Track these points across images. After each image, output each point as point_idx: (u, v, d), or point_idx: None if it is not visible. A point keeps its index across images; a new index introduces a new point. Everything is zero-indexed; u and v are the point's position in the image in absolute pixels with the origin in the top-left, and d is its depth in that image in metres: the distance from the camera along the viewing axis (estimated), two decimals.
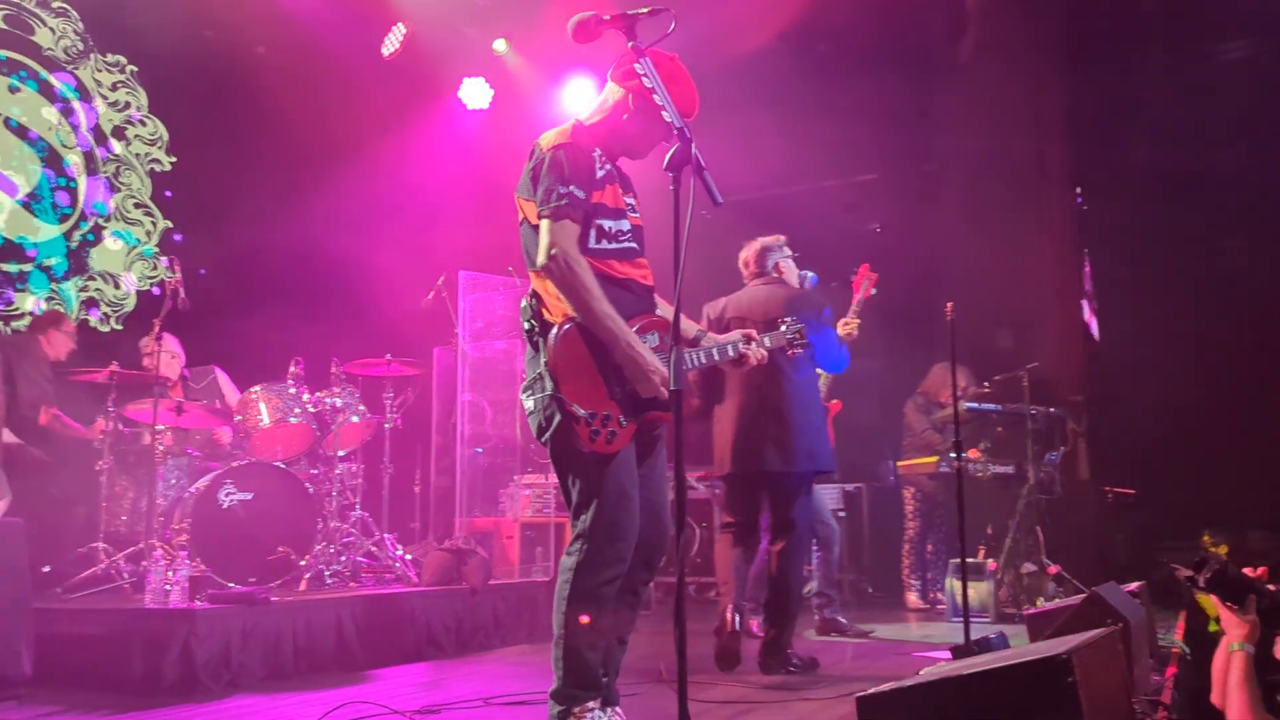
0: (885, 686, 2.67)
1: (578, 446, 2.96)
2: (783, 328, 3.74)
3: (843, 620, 5.97)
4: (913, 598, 7.57)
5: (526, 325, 3.08)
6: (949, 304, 4.20)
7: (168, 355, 5.66)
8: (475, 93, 9.08)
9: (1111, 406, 7.71)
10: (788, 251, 4.94)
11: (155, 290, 7.45)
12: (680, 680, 2.36)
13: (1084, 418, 8.20)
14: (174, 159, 7.71)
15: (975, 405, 7.55)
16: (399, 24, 8.32)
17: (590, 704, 3.02)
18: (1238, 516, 8.32)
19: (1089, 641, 2.61)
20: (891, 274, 8.73)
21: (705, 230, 3.09)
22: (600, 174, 3.08)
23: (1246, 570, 2.64)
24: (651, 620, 6.33)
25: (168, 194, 7.66)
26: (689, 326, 3.40)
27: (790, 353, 3.88)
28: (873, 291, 5.62)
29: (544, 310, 3.05)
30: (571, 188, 2.97)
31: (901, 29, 8.97)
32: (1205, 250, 8.93)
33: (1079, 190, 9.50)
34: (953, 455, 7.41)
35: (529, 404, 3.06)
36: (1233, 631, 2.56)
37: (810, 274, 4.87)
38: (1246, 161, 8.31)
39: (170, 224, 7.64)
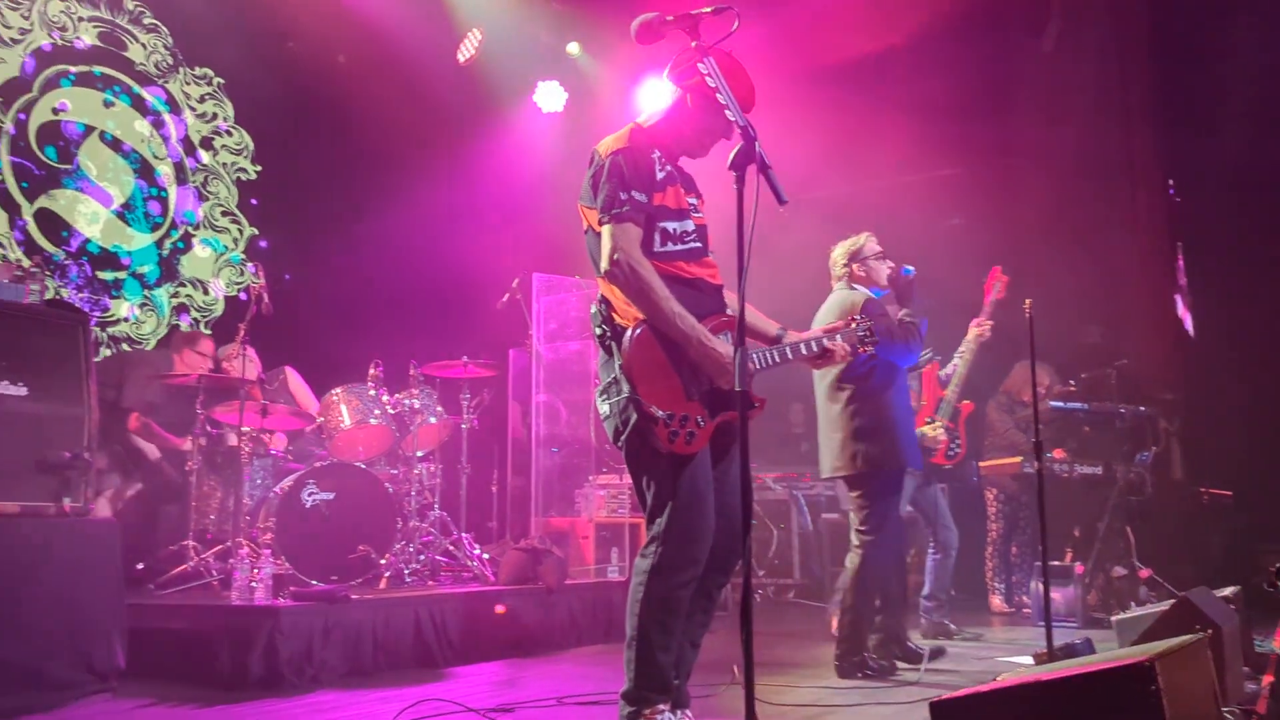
0: (960, 692, 2.61)
1: (656, 448, 2.95)
2: (853, 325, 3.69)
3: (951, 624, 5.88)
4: (997, 601, 7.41)
5: (598, 330, 3.08)
6: (1027, 301, 4.09)
7: (248, 361, 5.83)
8: (550, 96, 9.15)
9: (1206, 404, 7.44)
10: (869, 250, 4.85)
11: (242, 295, 7.66)
12: (747, 682, 2.34)
13: (1177, 416, 7.92)
14: (259, 168, 7.93)
15: (1060, 404, 7.36)
16: (474, 30, 8.43)
17: (661, 706, 3.00)
18: None
19: (1174, 648, 2.53)
20: (972, 270, 8.59)
21: (774, 226, 3.05)
22: (660, 176, 3.06)
23: None
24: (728, 621, 6.29)
25: (253, 202, 7.88)
26: (769, 325, 3.35)
27: (860, 350, 3.84)
28: (1003, 295, 5.61)
29: (614, 315, 3.05)
30: (632, 192, 2.96)
31: (984, 19, 8.79)
32: None
33: (1171, 182, 9.19)
34: (1035, 455, 7.24)
35: (604, 408, 3.06)
36: None
37: (907, 267, 4.77)
38: None
39: (255, 231, 7.85)
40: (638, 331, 2.96)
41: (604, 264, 2.97)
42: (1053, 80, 8.98)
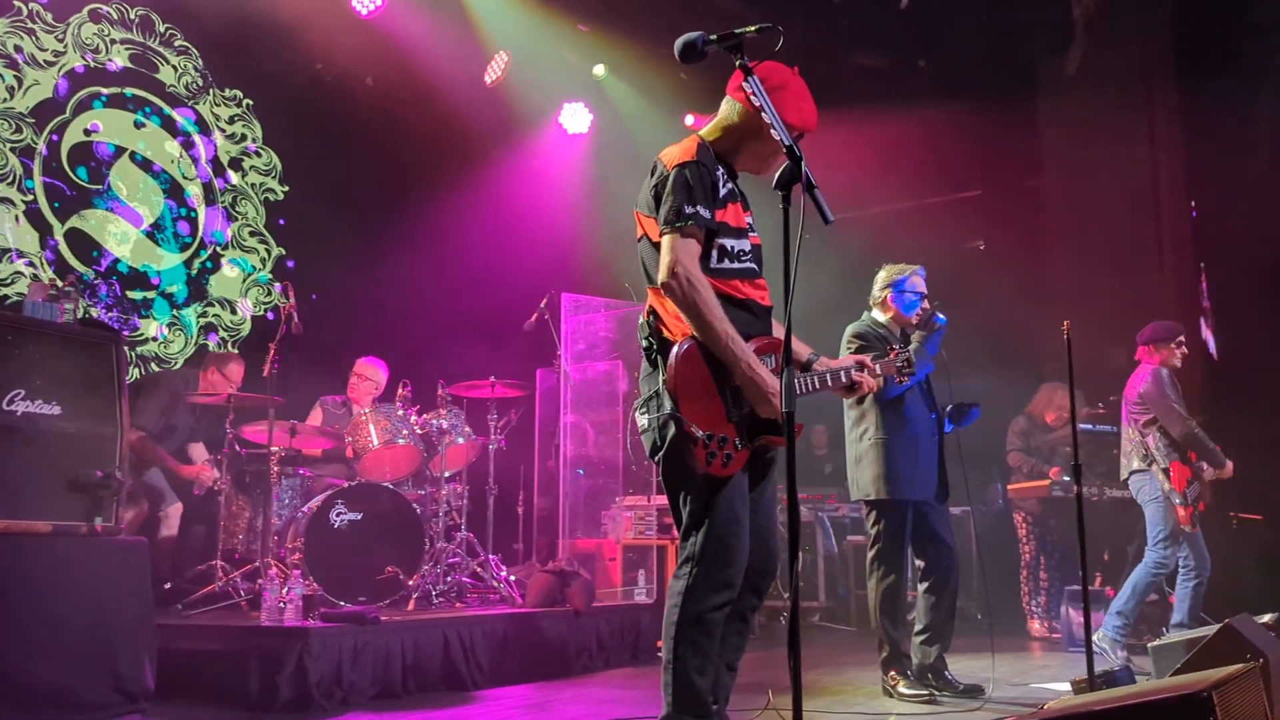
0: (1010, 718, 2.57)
1: (693, 467, 2.92)
2: (892, 355, 3.68)
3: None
4: (1036, 626, 7.34)
5: (644, 343, 3.05)
6: (1065, 322, 4.06)
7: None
8: (575, 118, 9.20)
9: (1232, 426, 7.36)
10: (910, 285, 4.86)
11: (269, 315, 7.69)
12: (795, 708, 2.31)
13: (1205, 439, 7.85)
14: (286, 188, 7.98)
15: (1088, 426, 7.30)
16: (501, 52, 8.48)
17: None
18: None
19: (1229, 677, 2.48)
20: (995, 292, 8.57)
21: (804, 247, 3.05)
22: (723, 192, 3.05)
23: None
24: (753, 645, 6.24)
25: (281, 222, 7.92)
26: (801, 350, 3.33)
27: (899, 381, 3.88)
28: None
29: (663, 328, 3.02)
30: (698, 207, 2.93)
31: (1007, 43, 8.80)
32: None
33: (1194, 203, 9.15)
34: (1068, 479, 7.18)
35: (643, 421, 3.03)
36: None
37: (940, 316, 4.73)
38: None
39: (283, 251, 7.89)
40: (685, 347, 2.94)
41: (661, 275, 2.93)
42: (1076, 102, 8.97)
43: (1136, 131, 8.95)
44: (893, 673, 4.64)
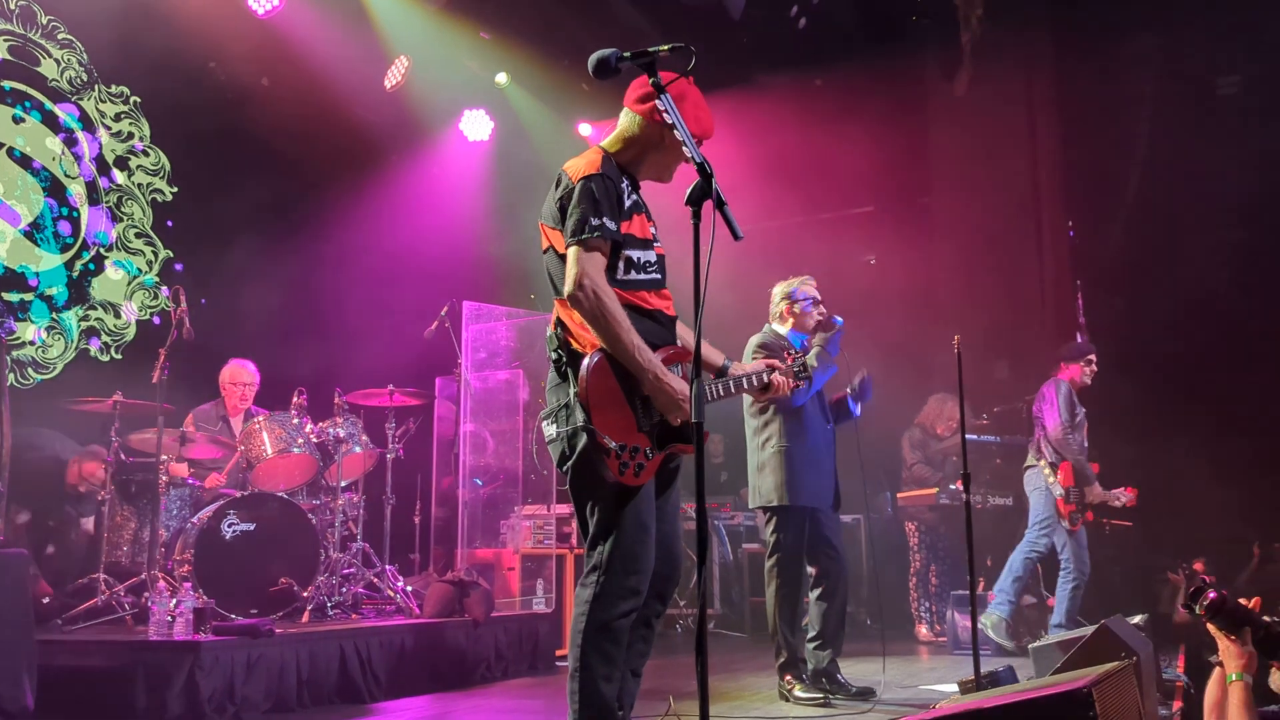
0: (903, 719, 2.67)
1: (604, 477, 2.95)
2: (790, 361, 3.78)
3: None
4: (924, 630, 7.58)
5: (553, 354, 3.07)
6: (956, 337, 4.22)
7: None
8: (476, 124, 9.15)
9: (1106, 438, 7.75)
10: (802, 293, 5.01)
11: (156, 320, 7.44)
12: (703, 713, 2.35)
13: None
14: (175, 189, 7.73)
15: (974, 437, 7.58)
16: (402, 57, 8.38)
17: None
18: (1231, 545, 8.36)
19: (1106, 675, 2.62)
20: (885, 305, 8.83)
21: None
22: (628, 204, 3.08)
23: (1241, 601, 2.66)
24: (655, 651, 6.29)
25: (169, 224, 7.66)
26: (715, 356, 3.40)
27: (794, 385, 3.97)
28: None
29: (571, 339, 3.04)
30: (604, 220, 2.96)
31: (900, 63, 9.09)
32: (1197, 281, 9.03)
33: (1071, 223, 9.59)
34: (954, 487, 7.44)
35: (550, 431, 3.04)
36: (1231, 662, 2.57)
37: (837, 318, 4.91)
38: (1238, 192, 8.43)
39: (171, 254, 7.64)
40: (595, 360, 2.97)
41: (568, 287, 2.95)
42: (964, 122, 9.32)
43: (1019, 153, 9.35)
44: (788, 677, 4.74)
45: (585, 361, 2.96)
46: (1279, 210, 8.84)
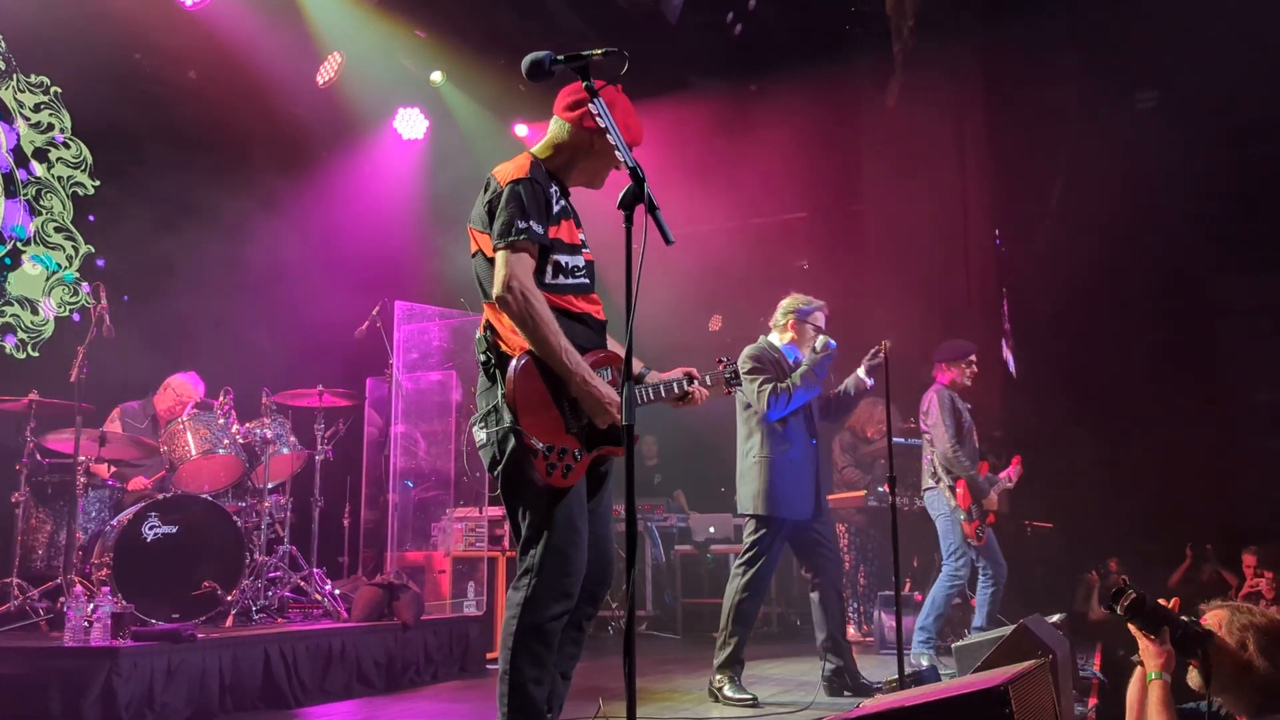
0: (829, 718, 2.71)
1: (533, 479, 2.95)
2: (721, 367, 3.80)
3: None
4: (851, 631, 7.67)
5: (482, 357, 3.07)
6: (885, 341, 4.30)
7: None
8: (410, 123, 9.06)
9: (1028, 440, 7.95)
10: (813, 319, 5.19)
11: (75, 317, 7.23)
12: (630, 714, 2.36)
13: (1003, 453, 8.43)
14: (97, 183, 7.52)
15: (902, 440, 7.71)
16: (335, 53, 8.26)
17: None
18: (1149, 545, 8.64)
19: (1022, 673, 2.69)
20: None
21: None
22: (556, 209, 3.09)
23: (1160, 601, 2.74)
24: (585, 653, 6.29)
25: (91, 218, 7.46)
26: (634, 363, 3.42)
27: (726, 392, 4.00)
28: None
29: (500, 342, 3.04)
30: (531, 223, 2.97)
31: (832, 72, 9.21)
32: (1119, 289, 9.31)
33: (997, 231, 9.82)
34: (882, 489, 7.57)
35: (480, 436, 3.04)
36: (1150, 661, 2.65)
37: (830, 340, 5.04)
38: (1154, 201, 8.71)
39: (92, 249, 7.44)
40: (523, 362, 2.97)
41: (496, 290, 2.95)
42: (894, 131, 9.48)
43: (947, 162, 9.54)
44: (721, 675, 4.78)
45: (512, 364, 2.96)
46: (1197, 222, 9.18)
